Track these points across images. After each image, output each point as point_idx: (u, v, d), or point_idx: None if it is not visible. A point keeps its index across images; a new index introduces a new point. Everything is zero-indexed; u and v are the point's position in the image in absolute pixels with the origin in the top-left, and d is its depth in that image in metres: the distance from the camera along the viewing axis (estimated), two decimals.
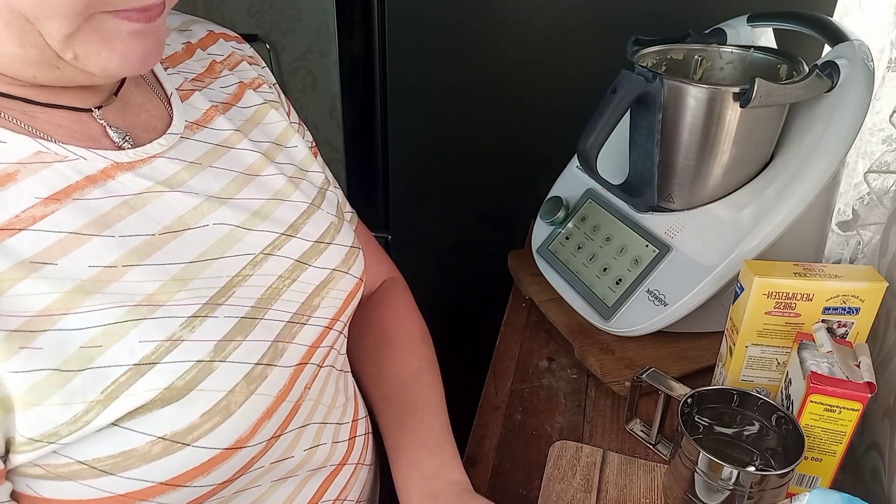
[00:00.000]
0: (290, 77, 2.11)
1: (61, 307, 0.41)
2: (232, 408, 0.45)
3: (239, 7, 2.06)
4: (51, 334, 0.40)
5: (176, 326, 0.45)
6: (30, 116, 0.45)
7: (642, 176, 0.81)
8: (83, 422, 0.40)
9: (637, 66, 0.75)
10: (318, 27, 2.04)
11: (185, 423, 0.43)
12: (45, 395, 0.39)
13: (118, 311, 0.43)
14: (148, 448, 0.42)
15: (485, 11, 1.16)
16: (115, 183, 0.47)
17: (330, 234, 0.60)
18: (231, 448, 0.46)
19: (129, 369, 0.42)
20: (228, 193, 0.54)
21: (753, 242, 0.76)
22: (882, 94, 0.99)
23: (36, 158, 0.44)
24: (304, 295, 0.55)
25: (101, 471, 0.42)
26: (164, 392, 0.43)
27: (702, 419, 0.67)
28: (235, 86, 0.62)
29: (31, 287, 0.40)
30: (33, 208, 0.42)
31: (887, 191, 0.93)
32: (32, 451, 0.40)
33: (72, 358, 0.40)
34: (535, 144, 1.21)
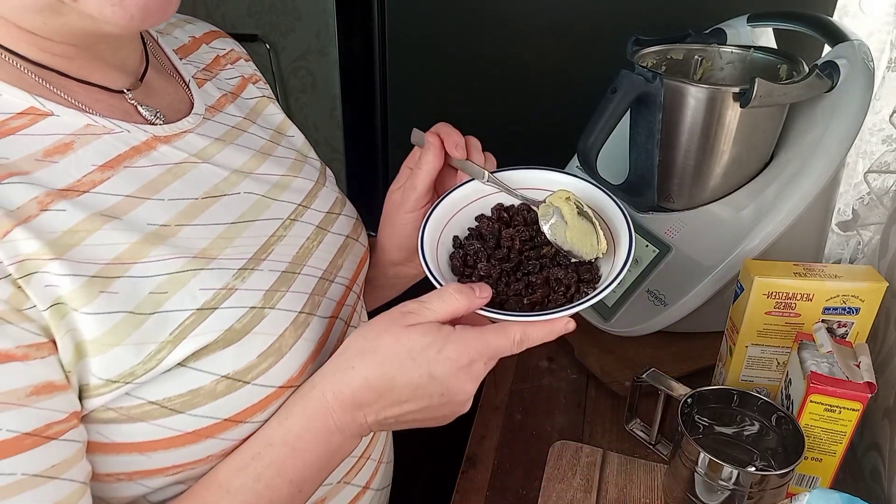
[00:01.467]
0: (290, 77, 2.11)
1: (130, 256, 0.45)
2: (283, 350, 0.50)
3: (239, 7, 2.05)
4: (123, 280, 0.44)
5: (229, 277, 0.49)
6: (71, 91, 0.49)
7: (642, 176, 0.81)
8: (156, 360, 0.44)
9: (637, 66, 0.75)
10: (318, 27, 2.04)
11: (245, 363, 0.47)
12: (122, 335, 0.43)
13: (179, 261, 0.47)
14: (213, 386, 0.46)
15: (484, 12, 1.16)
16: (157, 153, 0.51)
17: (337, 206, 0.66)
18: (284, 387, 0.50)
19: (192, 313, 0.46)
20: (250, 168, 0.58)
21: (753, 242, 0.76)
22: (882, 94, 0.99)
23: (87, 130, 0.48)
24: (330, 255, 0.60)
25: (171, 409, 0.45)
26: (225, 334, 0.47)
27: (702, 419, 0.67)
28: (238, 79, 0.67)
29: (103, 237, 0.44)
30: (92, 174, 0.47)
31: (887, 191, 0.93)
32: (108, 392, 0.43)
33: (143, 302, 0.44)
34: (535, 144, 1.21)
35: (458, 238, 0.61)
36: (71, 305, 0.41)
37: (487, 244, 0.60)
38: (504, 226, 0.61)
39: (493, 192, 0.63)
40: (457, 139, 0.61)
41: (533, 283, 0.57)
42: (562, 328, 0.52)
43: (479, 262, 0.57)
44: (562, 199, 0.59)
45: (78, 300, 0.42)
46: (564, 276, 0.56)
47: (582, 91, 0.88)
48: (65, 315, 0.41)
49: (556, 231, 0.59)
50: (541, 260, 0.58)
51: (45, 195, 0.43)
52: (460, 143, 0.61)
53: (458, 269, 0.58)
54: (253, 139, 0.62)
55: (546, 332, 0.51)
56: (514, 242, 0.59)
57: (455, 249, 0.60)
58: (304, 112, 2.19)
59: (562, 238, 0.59)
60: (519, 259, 0.58)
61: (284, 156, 0.64)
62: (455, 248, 0.61)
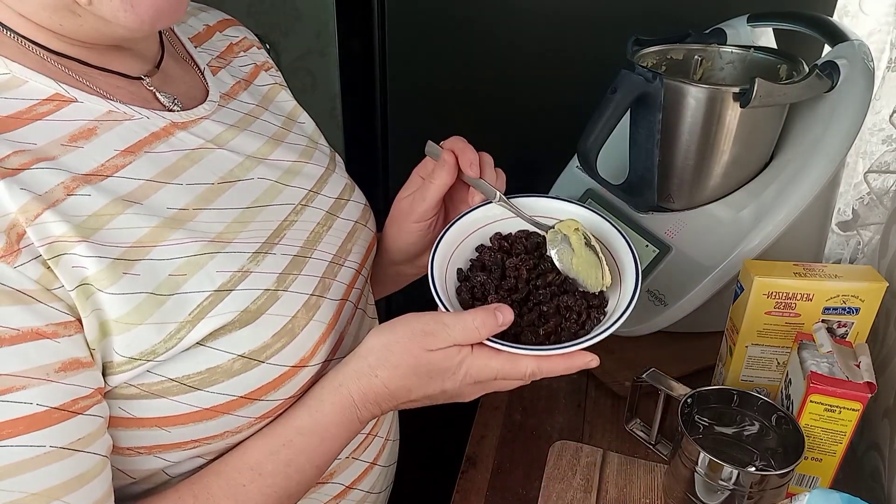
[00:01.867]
0: (290, 77, 2.11)
1: (151, 240, 0.47)
2: (296, 330, 0.52)
3: (239, 7, 2.05)
4: (145, 263, 0.46)
5: (244, 260, 0.51)
6: (92, 78, 0.51)
7: (642, 176, 0.81)
8: (176, 339, 0.46)
9: (637, 66, 0.75)
10: (318, 27, 2.04)
11: (259, 343, 0.49)
12: (145, 315, 0.45)
13: (196, 244, 0.49)
14: (230, 364, 0.48)
15: (485, 11, 1.16)
16: (175, 139, 0.53)
17: (347, 192, 0.67)
18: (296, 366, 0.52)
19: (210, 294, 0.48)
20: (263, 154, 0.60)
21: (753, 242, 0.76)
22: (882, 94, 0.99)
23: (108, 117, 0.50)
24: (339, 240, 0.62)
25: (190, 386, 0.47)
26: (241, 315, 0.49)
27: (702, 419, 0.67)
28: (251, 66, 0.69)
29: (126, 221, 0.46)
30: (114, 159, 0.48)
31: (887, 191, 0.93)
32: (131, 369, 0.45)
33: (163, 283, 0.46)
34: (535, 144, 1.21)
35: (461, 271, 0.61)
36: (96, 286, 0.43)
37: (493, 275, 0.60)
38: (506, 255, 0.61)
39: (491, 222, 0.64)
40: (471, 157, 0.62)
41: (545, 313, 0.57)
42: (581, 364, 0.53)
43: (489, 295, 0.58)
44: (570, 229, 0.60)
45: (103, 281, 0.43)
46: (574, 304, 0.57)
47: (582, 91, 0.88)
48: (90, 295, 0.43)
49: (563, 257, 0.60)
50: (548, 288, 0.58)
51: (71, 180, 0.45)
52: (475, 160, 0.62)
53: (468, 302, 0.58)
54: (266, 126, 0.63)
55: (565, 366, 0.53)
56: (521, 272, 0.59)
57: (460, 283, 0.60)
58: None
59: (568, 265, 0.59)
60: (528, 289, 0.59)
61: (296, 142, 0.65)
62: (460, 280, 0.61)
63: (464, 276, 0.61)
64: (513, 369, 0.52)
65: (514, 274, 0.59)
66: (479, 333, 0.51)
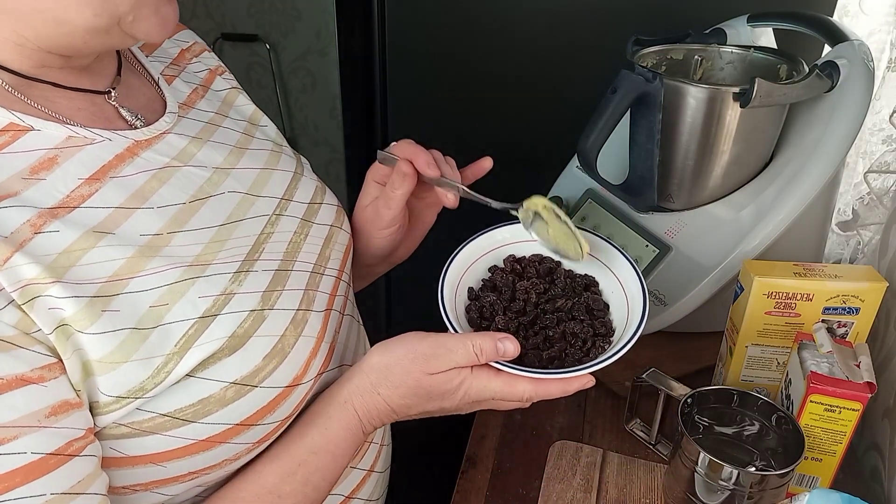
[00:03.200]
0: (290, 77, 2.11)
1: (128, 271, 0.45)
2: (286, 349, 0.51)
3: (239, 7, 2.05)
4: (123, 297, 0.44)
5: (226, 282, 0.49)
6: (52, 102, 0.49)
7: (642, 176, 0.81)
8: (164, 373, 0.44)
9: (637, 66, 0.75)
10: (318, 27, 2.04)
11: (251, 367, 0.48)
12: (129, 352, 0.43)
13: (176, 271, 0.47)
14: (223, 393, 0.47)
15: (485, 11, 1.16)
16: (140, 160, 0.51)
17: (318, 195, 0.65)
18: (290, 385, 0.51)
19: (195, 322, 0.46)
20: (230, 164, 0.58)
21: (753, 242, 0.76)
22: (882, 94, 0.99)
23: (68, 143, 0.47)
24: (318, 247, 0.61)
25: (182, 420, 0.46)
26: (229, 340, 0.47)
27: (702, 419, 0.67)
28: (206, 72, 0.66)
29: (99, 255, 0.44)
30: (79, 188, 0.46)
31: (887, 191, 0.93)
32: (119, 408, 0.43)
33: (144, 316, 0.44)
34: (535, 144, 1.21)
35: (472, 290, 0.62)
36: (75, 327, 0.41)
37: (503, 296, 0.61)
38: (518, 277, 0.62)
39: (506, 244, 0.65)
40: (426, 158, 0.62)
41: (550, 338, 0.58)
42: (578, 386, 0.53)
43: (497, 316, 0.59)
44: (539, 206, 0.61)
45: (82, 321, 0.42)
46: (580, 331, 0.57)
47: (582, 91, 0.88)
48: (70, 336, 0.41)
49: (540, 231, 0.61)
50: (556, 314, 0.59)
51: (36, 217, 0.43)
52: (430, 160, 0.62)
53: (475, 321, 0.59)
54: (228, 133, 0.61)
55: (560, 389, 0.53)
56: (530, 295, 0.60)
57: (471, 302, 0.61)
58: (304, 112, 2.18)
59: (546, 237, 0.60)
60: (535, 312, 0.59)
61: (261, 147, 0.64)
62: (471, 300, 0.61)
63: (474, 296, 0.62)
64: (510, 391, 0.53)
65: (523, 297, 0.60)
66: (480, 359, 0.52)
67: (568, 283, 0.62)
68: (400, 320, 1.47)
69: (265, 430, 0.50)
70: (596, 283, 0.63)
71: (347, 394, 0.54)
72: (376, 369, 0.53)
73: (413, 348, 0.53)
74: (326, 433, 0.53)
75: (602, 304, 0.61)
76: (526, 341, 0.57)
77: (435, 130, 1.28)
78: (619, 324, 0.59)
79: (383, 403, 0.53)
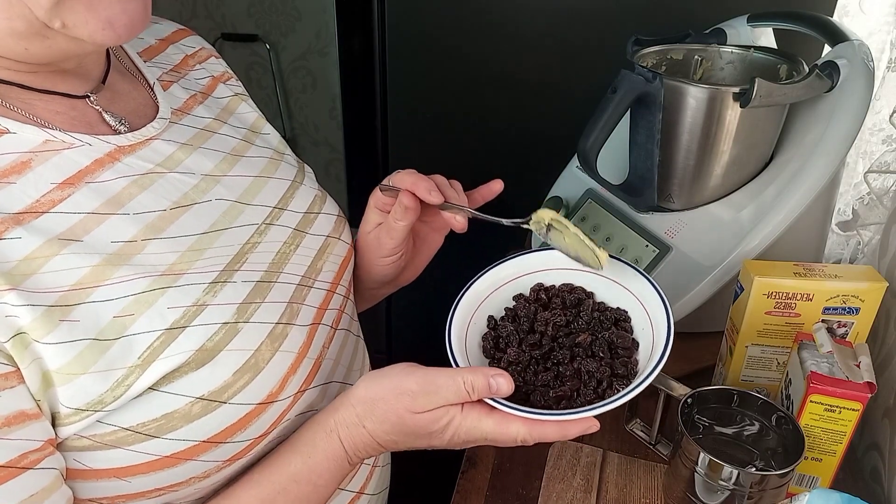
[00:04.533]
0: (290, 77, 2.11)
1: (92, 280, 0.43)
2: (261, 364, 0.48)
3: (239, 7, 2.06)
4: (85, 307, 0.42)
5: (199, 292, 0.47)
6: (28, 104, 0.47)
7: (642, 176, 0.81)
8: (124, 386, 0.43)
9: (637, 66, 0.75)
10: (318, 27, 2.04)
11: (220, 382, 0.46)
12: (87, 364, 0.41)
13: (145, 280, 0.45)
14: (188, 409, 0.45)
15: (484, 12, 1.16)
16: (121, 165, 0.50)
17: (317, 205, 0.64)
18: (264, 403, 0.49)
19: (161, 334, 0.44)
20: (221, 171, 0.57)
21: (753, 242, 0.76)
22: (882, 94, 0.99)
23: (45, 147, 0.46)
24: (308, 259, 0.59)
25: (146, 435, 0.44)
26: (196, 354, 0.45)
27: (702, 419, 0.67)
28: (208, 79, 0.65)
29: (62, 263, 0.43)
30: (51, 193, 0.45)
31: (887, 191, 0.93)
32: (79, 420, 0.42)
33: (107, 327, 0.43)
34: (535, 144, 1.21)
35: (493, 318, 0.60)
36: (32, 336, 0.40)
37: (521, 326, 0.57)
38: (541, 308, 0.59)
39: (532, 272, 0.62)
40: (427, 185, 0.60)
41: (562, 375, 0.54)
42: (578, 431, 0.49)
43: (510, 347, 0.55)
44: (547, 217, 0.58)
45: (38, 331, 0.40)
46: (597, 370, 0.53)
47: (582, 91, 0.88)
48: (28, 345, 0.40)
49: (557, 240, 0.58)
50: (573, 349, 0.55)
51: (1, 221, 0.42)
52: (432, 187, 0.60)
53: (489, 351, 0.57)
54: (224, 140, 0.60)
55: (558, 433, 0.49)
56: (548, 327, 0.57)
57: (488, 330, 0.59)
58: (304, 112, 2.19)
59: (564, 246, 0.57)
60: (551, 346, 0.56)
61: (259, 155, 0.62)
62: (489, 328, 0.59)
63: (493, 325, 0.59)
64: (502, 432, 0.49)
65: (541, 328, 0.57)
66: (471, 396, 0.48)
67: (595, 316, 0.58)
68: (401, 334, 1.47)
69: (236, 448, 0.49)
70: (627, 319, 0.58)
71: (334, 423, 0.52)
72: (362, 402, 0.51)
73: (399, 383, 0.50)
74: (310, 461, 0.51)
75: (629, 342, 0.56)
76: (536, 377, 0.54)
77: (435, 130, 1.29)
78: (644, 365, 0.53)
79: (369, 437, 0.51)
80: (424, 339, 0.81)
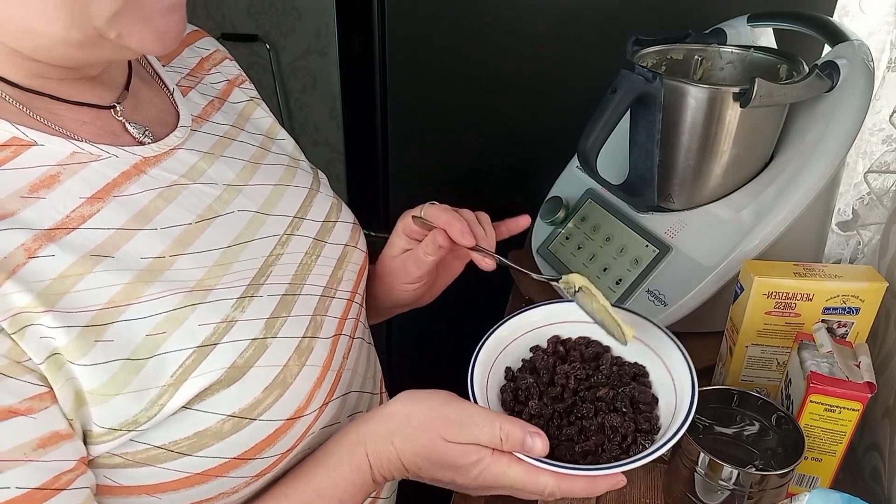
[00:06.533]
0: (290, 77, 2.11)
1: (124, 298, 0.43)
2: (288, 380, 0.48)
3: (239, 7, 2.06)
4: (118, 325, 0.42)
5: (228, 308, 0.47)
6: (56, 115, 0.47)
7: (642, 176, 0.81)
8: (158, 406, 0.43)
9: (637, 66, 0.75)
10: (318, 27, 2.04)
11: (250, 399, 0.46)
12: (122, 384, 0.41)
13: (175, 297, 0.45)
14: (219, 426, 0.45)
15: (484, 12, 1.16)
16: (147, 177, 0.49)
17: (334, 213, 0.63)
18: (292, 418, 0.49)
19: (193, 352, 0.44)
20: (243, 180, 0.56)
21: (753, 242, 0.76)
22: (882, 94, 0.99)
23: (73, 159, 0.46)
24: (329, 269, 0.58)
25: (178, 453, 0.44)
26: (227, 371, 0.45)
27: (702, 419, 0.67)
28: (224, 83, 0.65)
29: (95, 280, 0.42)
30: (80, 208, 0.44)
31: (887, 191, 0.93)
32: (112, 440, 0.42)
33: (140, 346, 0.43)
34: (535, 144, 1.21)
35: (510, 370, 0.59)
36: (67, 357, 0.40)
37: (541, 379, 0.57)
38: (559, 360, 0.59)
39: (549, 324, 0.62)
40: (461, 227, 0.60)
41: (586, 429, 0.53)
42: (607, 486, 0.49)
43: (531, 400, 0.55)
44: (578, 283, 0.58)
45: (74, 352, 0.40)
46: (621, 425, 0.52)
47: (582, 91, 0.88)
48: (62, 366, 0.40)
49: (584, 302, 0.57)
50: (596, 403, 0.55)
51: (32, 240, 0.41)
52: (465, 230, 0.60)
53: (508, 403, 0.56)
54: (243, 148, 0.59)
55: (586, 488, 0.48)
56: (569, 381, 0.56)
57: (507, 382, 0.58)
58: (304, 112, 2.19)
59: (590, 310, 0.57)
60: (573, 400, 0.56)
61: (276, 162, 0.62)
62: (507, 380, 0.58)
63: (511, 376, 0.58)
64: (530, 482, 0.48)
65: (562, 382, 0.56)
66: (503, 446, 0.48)
67: (614, 370, 0.58)
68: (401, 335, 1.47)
69: (264, 463, 0.49)
70: (646, 374, 0.59)
71: (362, 436, 0.51)
72: (396, 417, 0.50)
73: (438, 407, 0.49)
74: (334, 475, 0.50)
75: (650, 397, 0.56)
76: (560, 431, 0.53)
77: (435, 130, 1.28)
78: (666, 420, 0.54)
79: (395, 455, 0.50)
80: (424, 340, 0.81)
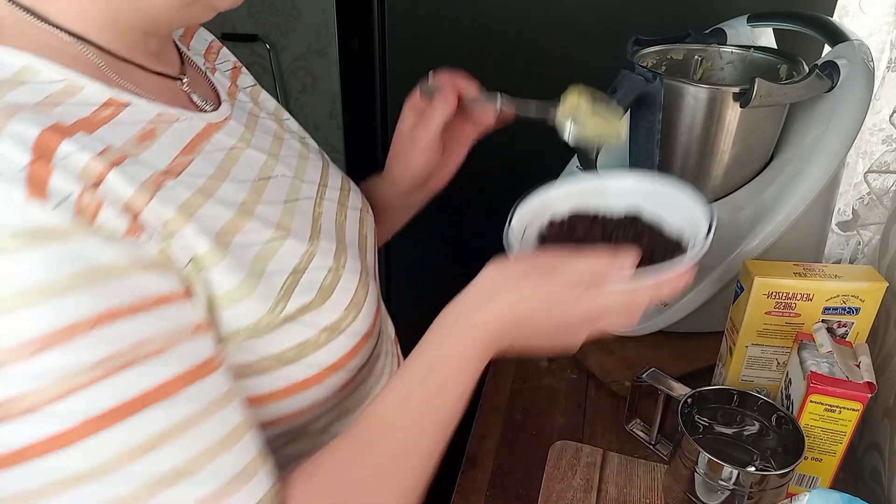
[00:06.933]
0: (290, 77, 2.11)
1: (232, 227, 0.49)
2: (360, 303, 0.55)
3: (239, 7, 2.06)
4: (234, 245, 0.48)
5: (305, 243, 0.54)
6: (137, 83, 0.51)
7: None
8: (276, 312, 0.48)
9: (637, 66, 0.75)
10: (318, 27, 2.04)
11: (336, 316, 0.53)
12: (249, 289, 0.47)
13: (269, 231, 0.51)
14: (317, 337, 0.51)
15: (484, 12, 1.16)
16: (215, 139, 0.54)
17: (346, 182, 0.69)
18: (366, 335, 0.56)
19: (289, 276, 0.51)
20: (275, 151, 0.61)
21: (753, 242, 0.76)
22: (882, 94, 0.99)
23: (160, 119, 0.50)
24: (355, 230, 0.64)
25: (287, 360, 0.50)
26: (319, 292, 0.52)
27: (702, 419, 0.67)
28: (232, 69, 0.69)
29: (210, 210, 0.48)
30: (178, 157, 0.49)
31: (887, 191, 0.93)
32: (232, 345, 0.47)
33: (257, 262, 0.49)
34: (535, 144, 1.21)
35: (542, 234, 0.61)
36: (204, 263, 0.45)
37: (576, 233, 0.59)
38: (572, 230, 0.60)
39: None
40: (466, 80, 0.69)
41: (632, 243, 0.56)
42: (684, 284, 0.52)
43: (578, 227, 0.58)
44: (576, 97, 0.63)
45: (211, 258, 0.45)
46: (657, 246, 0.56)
47: None
48: (200, 270, 0.45)
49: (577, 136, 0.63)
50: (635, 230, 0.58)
51: (157, 175, 0.46)
52: (468, 80, 0.69)
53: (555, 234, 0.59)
54: (266, 124, 0.64)
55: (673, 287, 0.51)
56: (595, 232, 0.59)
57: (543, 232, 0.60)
58: (304, 112, 2.19)
59: (584, 138, 0.62)
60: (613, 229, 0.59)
61: (291, 138, 0.67)
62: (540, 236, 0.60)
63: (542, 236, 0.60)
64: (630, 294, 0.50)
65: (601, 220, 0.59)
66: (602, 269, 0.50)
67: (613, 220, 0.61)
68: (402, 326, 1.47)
69: (346, 376, 0.54)
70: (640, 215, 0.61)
71: (460, 310, 0.52)
72: (494, 277, 0.52)
73: (529, 259, 0.53)
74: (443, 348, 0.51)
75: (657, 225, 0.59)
76: None
77: None
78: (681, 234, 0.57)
79: (507, 309, 0.50)
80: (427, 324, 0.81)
